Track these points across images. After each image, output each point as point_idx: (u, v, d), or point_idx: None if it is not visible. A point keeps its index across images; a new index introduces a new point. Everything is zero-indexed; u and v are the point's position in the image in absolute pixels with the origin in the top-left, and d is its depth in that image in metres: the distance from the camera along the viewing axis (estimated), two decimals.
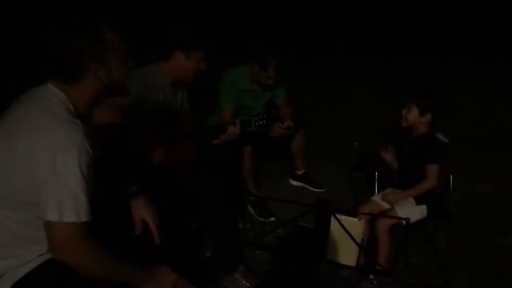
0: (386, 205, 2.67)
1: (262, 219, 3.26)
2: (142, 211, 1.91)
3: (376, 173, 2.92)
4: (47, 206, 1.43)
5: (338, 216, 1.85)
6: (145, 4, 8.63)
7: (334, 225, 1.89)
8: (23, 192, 1.47)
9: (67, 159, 1.41)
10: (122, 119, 2.19)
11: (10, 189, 1.49)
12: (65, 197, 1.42)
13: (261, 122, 2.78)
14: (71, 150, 1.42)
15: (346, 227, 1.84)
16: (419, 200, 2.60)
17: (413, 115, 2.65)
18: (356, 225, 1.92)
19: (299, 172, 3.73)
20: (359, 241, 1.91)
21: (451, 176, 2.75)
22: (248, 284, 2.52)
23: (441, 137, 2.82)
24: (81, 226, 1.45)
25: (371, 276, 2.25)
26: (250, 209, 3.35)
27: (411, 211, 2.57)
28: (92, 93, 1.58)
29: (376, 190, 2.87)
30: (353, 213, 2.51)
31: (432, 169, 2.57)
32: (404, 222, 2.38)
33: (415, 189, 2.60)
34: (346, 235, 1.86)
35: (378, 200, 2.71)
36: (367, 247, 2.49)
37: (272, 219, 3.26)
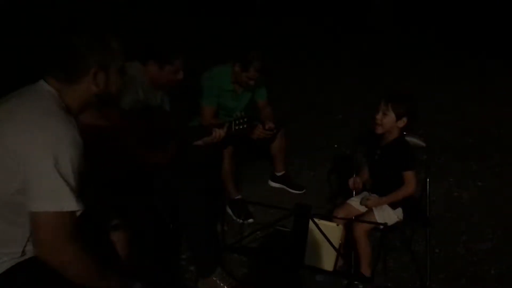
0: (363, 209, 2.67)
1: (240, 221, 3.24)
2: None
3: (354, 176, 2.92)
4: (33, 198, 1.42)
5: (316, 221, 1.84)
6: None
7: (312, 229, 1.88)
8: (9, 185, 1.45)
9: (57, 154, 1.41)
10: (100, 117, 2.15)
11: None
12: (52, 190, 1.41)
13: (241, 126, 2.77)
14: (63, 144, 1.42)
15: (325, 232, 1.83)
16: (394, 205, 2.59)
17: (389, 120, 2.55)
18: (334, 230, 1.92)
19: (279, 174, 3.72)
20: (337, 245, 1.91)
21: (427, 180, 2.76)
22: (225, 287, 2.50)
23: (417, 141, 2.80)
24: (66, 219, 1.44)
25: (356, 282, 2.23)
26: (229, 210, 3.34)
27: (388, 214, 2.57)
28: (86, 97, 1.59)
29: (353, 193, 2.86)
30: (331, 217, 2.50)
31: (410, 176, 2.54)
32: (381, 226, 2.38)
33: (395, 195, 2.57)
34: (324, 240, 1.85)
35: (354, 203, 2.70)
36: (345, 251, 2.49)
37: (251, 220, 3.25)
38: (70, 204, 1.44)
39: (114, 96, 1.67)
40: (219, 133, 2.68)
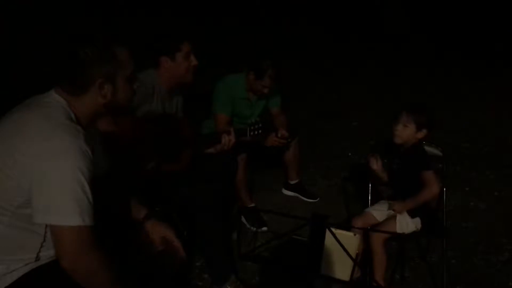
0: (381, 218, 2.66)
1: (254, 229, 3.23)
2: (160, 229, 1.90)
3: (370, 185, 2.90)
4: (49, 210, 1.42)
5: (333, 230, 1.82)
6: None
7: (328, 239, 1.86)
8: (16, 195, 1.46)
9: (67, 163, 1.41)
10: (118, 126, 2.17)
11: (4, 191, 1.47)
12: (67, 200, 1.41)
13: (256, 132, 2.77)
14: (71, 154, 1.42)
15: (341, 241, 1.81)
16: (413, 213, 2.58)
17: (409, 133, 2.60)
18: (351, 239, 1.89)
19: (293, 182, 3.70)
20: (354, 255, 1.88)
21: (444, 190, 2.73)
22: None
23: (434, 150, 2.80)
24: (87, 231, 1.44)
25: None
26: (242, 219, 3.32)
27: (407, 223, 2.56)
28: (94, 108, 1.59)
29: (369, 202, 2.85)
30: (348, 226, 2.49)
31: (429, 175, 2.56)
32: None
33: (420, 197, 2.55)
34: (340, 249, 1.83)
35: (372, 212, 2.69)
36: (362, 260, 2.46)
37: (264, 229, 3.23)
38: (88, 217, 1.44)
39: (124, 105, 1.66)
40: (228, 139, 2.67)
